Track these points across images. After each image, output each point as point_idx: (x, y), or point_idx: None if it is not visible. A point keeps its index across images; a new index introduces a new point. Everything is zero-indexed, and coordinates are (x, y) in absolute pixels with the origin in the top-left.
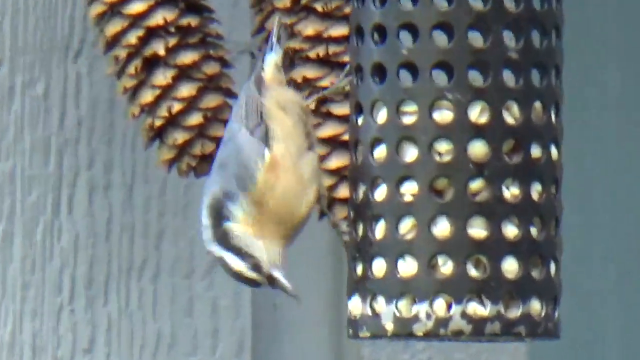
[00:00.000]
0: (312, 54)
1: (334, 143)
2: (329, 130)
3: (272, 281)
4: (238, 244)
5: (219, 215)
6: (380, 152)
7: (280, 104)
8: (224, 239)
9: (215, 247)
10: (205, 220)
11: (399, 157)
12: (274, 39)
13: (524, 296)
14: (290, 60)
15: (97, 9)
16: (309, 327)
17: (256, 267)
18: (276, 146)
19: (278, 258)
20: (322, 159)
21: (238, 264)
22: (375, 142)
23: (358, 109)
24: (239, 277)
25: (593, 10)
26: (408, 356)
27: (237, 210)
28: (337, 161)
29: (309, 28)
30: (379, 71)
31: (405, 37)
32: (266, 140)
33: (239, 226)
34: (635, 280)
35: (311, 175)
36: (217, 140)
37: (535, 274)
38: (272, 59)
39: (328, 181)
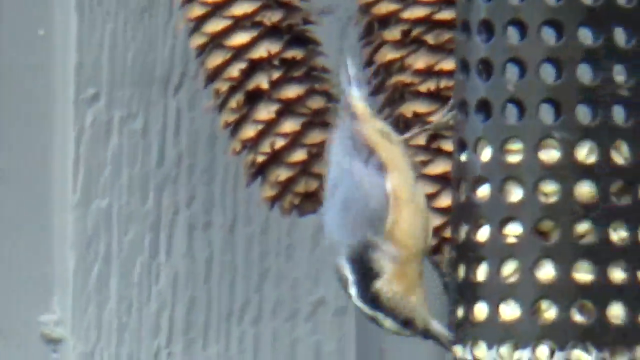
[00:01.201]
0: (422, 88)
1: (444, 180)
2: (439, 167)
3: (427, 333)
4: (389, 305)
5: (367, 270)
6: (484, 191)
7: (384, 133)
8: (375, 301)
9: (366, 307)
10: (351, 275)
11: (503, 197)
12: (352, 72)
13: (630, 343)
14: (400, 94)
15: (198, 40)
16: None
17: (409, 324)
18: (391, 176)
19: (427, 310)
20: (432, 197)
21: (391, 324)
22: (479, 181)
23: (462, 146)
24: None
25: None
26: None
27: (384, 260)
28: (447, 199)
29: (420, 61)
30: (484, 107)
31: (512, 72)
32: (381, 171)
33: (389, 284)
34: None
35: (424, 206)
36: (322, 178)
37: None
38: (358, 92)
39: (438, 220)
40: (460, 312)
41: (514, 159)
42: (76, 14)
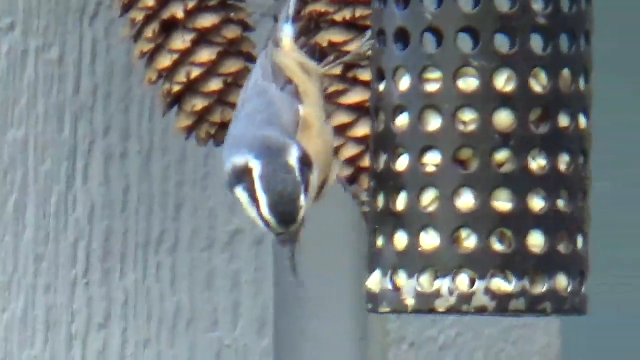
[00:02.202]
0: (337, 17)
1: (360, 110)
2: (355, 96)
3: (295, 234)
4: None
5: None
6: (402, 120)
7: (304, 68)
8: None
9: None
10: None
11: (421, 126)
12: (291, 11)
13: (549, 271)
14: (315, 23)
15: None
16: (333, 302)
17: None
18: (305, 106)
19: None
20: (349, 126)
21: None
22: (397, 110)
23: (380, 75)
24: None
25: None
26: (436, 332)
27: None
28: (363, 129)
29: None
30: (402, 36)
31: (430, 1)
32: (296, 98)
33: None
34: None
35: (330, 145)
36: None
37: (561, 248)
38: (290, 30)
39: (354, 149)
40: (379, 242)
41: (432, 87)
42: None
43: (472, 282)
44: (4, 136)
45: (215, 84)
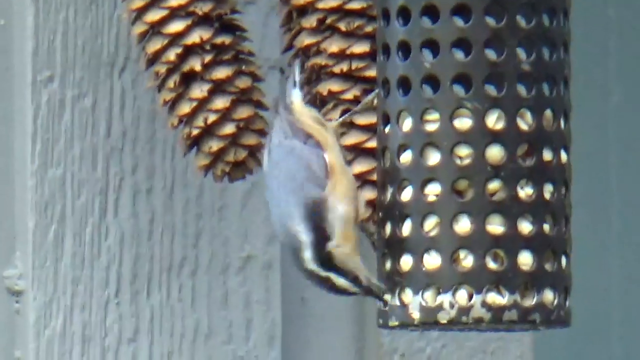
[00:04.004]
0: (336, 69)
1: (357, 150)
2: (352, 138)
3: (369, 291)
4: (340, 264)
5: (320, 231)
6: (406, 157)
7: (319, 122)
8: (328, 261)
9: (320, 268)
10: (306, 237)
11: (423, 161)
12: (297, 78)
13: (538, 287)
14: (317, 75)
15: (139, 28)
16: (333, 318)
17: (357, 281)
18: (328, 153)
19: (367, 268)
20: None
21: (343, 283)
22: (401, 148)
23: (385, 119)
24: (343, 292)
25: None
26: (424, 344)
27: (334, 219)
28: (360, 166)
29: (334, 46)
30: (404, 84)
31: (427, 52)
32: (319, 148)
33: (338, 245)
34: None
35: (353, 182)
36: (249, 148)
37: (548, 266)
38: (299, 94)
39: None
40: (388, 265)
41: (431, 127)
42: (32, 5)
43: (470, 297)
44: (45, 174)
45: (229, 128)
